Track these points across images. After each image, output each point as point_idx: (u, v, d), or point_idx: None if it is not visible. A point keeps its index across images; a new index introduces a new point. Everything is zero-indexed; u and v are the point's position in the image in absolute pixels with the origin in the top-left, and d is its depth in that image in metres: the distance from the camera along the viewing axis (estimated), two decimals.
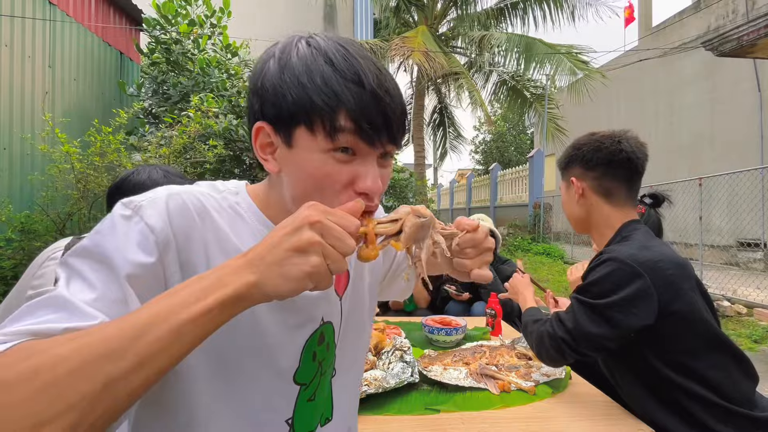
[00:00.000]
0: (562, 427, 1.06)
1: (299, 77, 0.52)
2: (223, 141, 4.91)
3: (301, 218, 0.45)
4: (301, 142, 0.53)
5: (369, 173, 0.54)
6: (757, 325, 4.46)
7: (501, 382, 1.27)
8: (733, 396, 1.02)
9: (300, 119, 0.53)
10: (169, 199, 0.54)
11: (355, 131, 0.52)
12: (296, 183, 0.55)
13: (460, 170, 28.28)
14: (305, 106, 0.52)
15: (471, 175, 18.39)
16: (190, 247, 0.54)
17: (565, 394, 1.24)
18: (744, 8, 8.16)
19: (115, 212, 0.51)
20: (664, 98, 10.29)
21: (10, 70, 3.54)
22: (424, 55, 8.19)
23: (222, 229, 0.57)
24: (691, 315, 1.05)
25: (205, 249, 0.55)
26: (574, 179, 1.24)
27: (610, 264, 1.06)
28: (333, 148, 0.53)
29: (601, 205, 1.21)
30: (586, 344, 1.07)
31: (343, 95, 0.51)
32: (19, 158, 3.60)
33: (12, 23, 3.56)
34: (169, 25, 5.07)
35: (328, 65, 0.52)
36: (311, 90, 0.51)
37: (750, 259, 7.32)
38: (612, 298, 1.03)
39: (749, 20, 5.44)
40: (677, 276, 1.06)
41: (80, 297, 0.44)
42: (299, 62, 0.53)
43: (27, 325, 0.41)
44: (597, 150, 1.20)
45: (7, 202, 3.23)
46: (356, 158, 0.54)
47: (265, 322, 0.59)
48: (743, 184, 6.24)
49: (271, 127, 0.55)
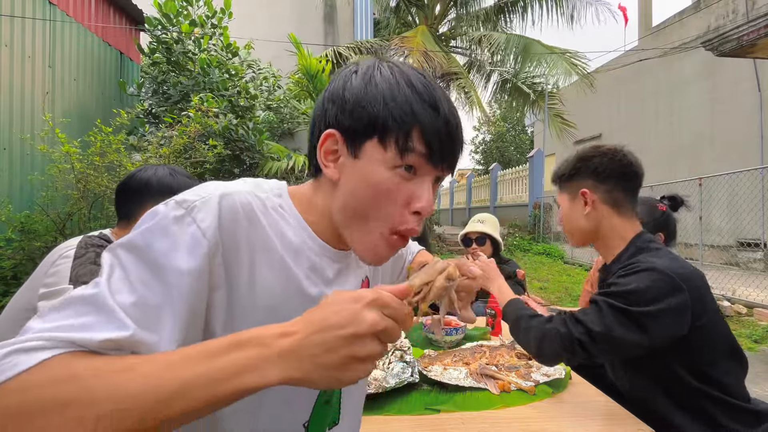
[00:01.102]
0: (562, 427, 1.06)
1: (383, 93, 0.55)
2: (223, 141, 4.92)
3: (366, 326, 0.42)
4: (370, 155, 0.56)
5: (425, 194, 0.57)
6: (757, 325, 4.46)
7: (501, 382, 1.27)
8: (741, 394, 1.08)
9: (375, 132, 0.55)
10: (222, 200, 0.53)
11: (424, 152, 0.55)
12: (354, 193, 0.57)
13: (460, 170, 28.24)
14: (384, 120, 0.54)
15: (471, 175, 18.38)
16: (237, 250, 0.54)
17: (565, 394, 1.24)
18: (744, 8, 8.16)
19: (168, 210, 0.50)
20: (664, 98, 10.28)
21: (10, 70, 3.54)
22: (423, 55, 8.19)
23: (267, 234, 0.57)
24: (714, 326, 1.08)
25: (250, 254, 0.55)
26: (587, 191, 1.23)
27: (651, 274, 1.05)
28: (400, 164, 0.55)
29: (611, 217, 1.21)
30: (607, 347, 1.05)
31: (420, 115, 0.55)
32: (19, 158, 3.60)
33: (12, 23, 3.56)
34: (170, 24, 5.07)
35: (409, 88, 0.56)
36: (392, 106, 0.54)
37: (750, 259, 7.31)
38: (650, 308, 1.02)
39: (749, 20, 5.44)
40: (704, 289, 1.08)
41: (119, 299, 0.44)
42: (383, 81, 0.56)
43: (67, 331, 0.41)
44: (609, 163, 1.21)
45: (7, 202, 3.23)
46: (416, 178, 0.56)
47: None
48: (743, 184, 6.24)
49: (341, 136, 0.57)
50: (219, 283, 0.52)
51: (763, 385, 2.77)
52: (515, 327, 1.22)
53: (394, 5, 11.37)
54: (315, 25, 9.51)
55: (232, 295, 0.53)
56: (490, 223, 2.55)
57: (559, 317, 1.14)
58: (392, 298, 0.46)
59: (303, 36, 8.76)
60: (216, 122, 4.51)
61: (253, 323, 0.48)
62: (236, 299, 0.54)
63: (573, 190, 1.26)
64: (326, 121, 0.58)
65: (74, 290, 0.45)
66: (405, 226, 0.57)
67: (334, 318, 0.43)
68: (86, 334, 0.41)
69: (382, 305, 0.45)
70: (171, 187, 1.20)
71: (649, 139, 10.64)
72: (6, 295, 2.79)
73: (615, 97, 11.90)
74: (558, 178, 1.31)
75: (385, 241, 0.57)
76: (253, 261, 0.55)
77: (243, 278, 0.54)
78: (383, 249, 0.58)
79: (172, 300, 0.46)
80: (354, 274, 0.69)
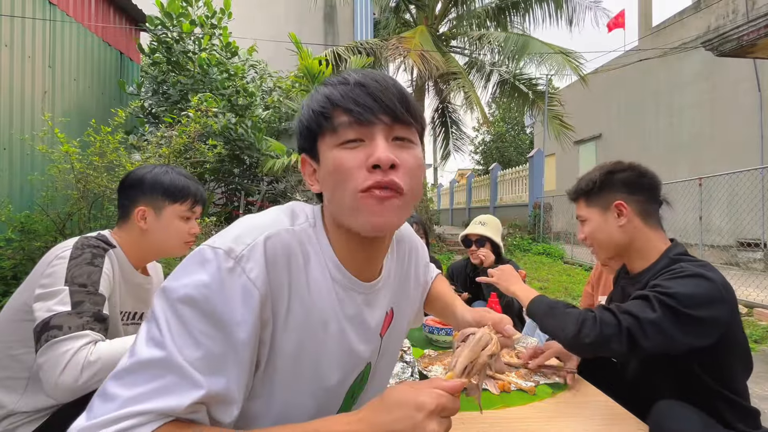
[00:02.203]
0: (562, 427, 1.06)
1: (307, 103, 0.63)
2: (223, 140, 4.91)
3: None
4: (322, 152, 0.62)
5: (376, 149, 0.58)
6: (757, 325, 4.46)
7: (501, 382, 1.27)
8: (746, 395, 1.13)
9: (315, 134, 0.62)
10: (267, 244, 0.57)
11: (350, 120, 0.58)
12: (325, 185, 0.62)
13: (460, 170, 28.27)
14: (312, 121, 0.61)
15: (471, 175, 18.39)
16: (280, 295, 0.58)
17: (565, 394, 1.24)
18: (744, 8, 8.16)
19: (219, 261, 0.53)
20: (664, 98, 10.28)
21: (10, 70, 3.53)
22: (419, 57, 8.19)
23: (300, 276, 0.60)
24: (738, 333, 1.13)
25: (288, 296, 0.59)
26: (623, 203, 1.22)
27: (700, 281, 1.06)
28: (340, 142, 0.59)
29: (644, 230, 1.22)
30: (657, 340, 1.04)
31: (333, 96, 0.60)
32: (19, 158, 3.59)
33: (12, 23, 3.55)
34: (172, 24, 5.07)
35: (324, 86, 0.63)
36: (313, 106, 0.61)
37: (750, 259, 7.31)
38: (698, 313, 1.03)
39: (749, 20, 5.44)
40: (735, 300, 1.11)
41: (187, 354, 0.49)
42: (308, 95, 0.65)
43: (150, 399, 0.47)
44: (642, 176, 1.24)
45: (7, 202, 3.23)
46: (365, 143, 0.59)
47: (324, 371, 0.64)
48: (743, 184, 6.24)
49: (307, 155, 0.65)
50: (267, 323, 0.57)
51: (763, 385, 2.77)
52: (548, 315, 1.18)
53: (394, 5, 11.36)
54: (315, 25, 9.51)
55: (275, 332, 0.58)
56: (491, 226, 2.52)
57: (599, 307, 1.13)
58: (450, 400, 0.51)
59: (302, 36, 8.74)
60: (215, 122, 4.51)
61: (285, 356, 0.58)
62: (277, 334, 0.58)
63: (604, 203, 1.26)
64: (299, 152, 0.67)
65: (142, 351, 0.50)
66: (372, 180, 0.58)
67: (397, 426, 0.48)
68: (170, 401, 0.47)
69: (441, 410, 0.49)
70: (163, 185, 1.20)
71: (649, 139, 10.64)
72: (6, 295, 2.79)
73: (615, 97, 11.90)
74: (584, 193, 1.30)
75: (366, 201, 0.58)
76: (290, 304, 0.59)
77: (282, 315, 0.58)
78: (373, 208, 0.59)
79: (234, 348, 0.51)
80: (379, 306, 0.71)
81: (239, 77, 5.40)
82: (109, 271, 1.09)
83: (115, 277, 1.15)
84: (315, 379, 0.62)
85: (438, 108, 13.57)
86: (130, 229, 1.21)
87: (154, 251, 1.26)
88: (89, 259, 1.05)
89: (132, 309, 1.26)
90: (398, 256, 0.79)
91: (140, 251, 1.23)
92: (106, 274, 1.07)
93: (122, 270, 1.19)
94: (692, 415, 1.03)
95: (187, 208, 1.22)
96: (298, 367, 0.60)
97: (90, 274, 1.02)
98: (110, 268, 1.10)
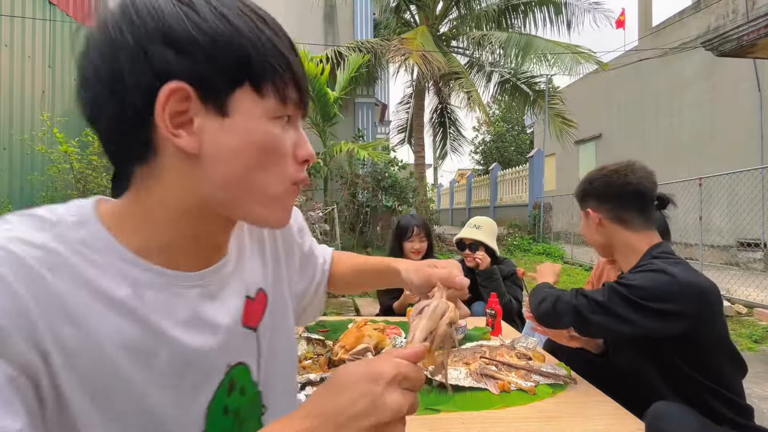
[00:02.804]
0: (562, 427, 1.06)
1: (246, 27, 0.43)
2: None
3: (391, 413, 0.38)
4: (244, 107, 0.43)
5: (304, 139, 0.49)
6: (757, 325, 4.46)
7: (501, 382, 1.27)
8: (739, 392, 1.17)
9: (247, 77, 0.43)
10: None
11: (298, 94, 0.47)
12: (232, 161, 0.44)
13: (460, 170, 28.27)
14: (259, 62, 0.43)
15: (471, 175, 18.41)
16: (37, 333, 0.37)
17: (565, 394, 1.24)
18: (744, 8, 8.16)
19: None
20: (664, 98, 10.28)
21: (10, 70, 3.54)
22: (421, 57, 8.19)
23: (65, 296, 0.39)
24: (719, 336, 1.17)
25: (53, 330, 0.38)
26: (591, 211, 1.37)
27: (659, 276, 1.15)
28: (282, 114, 0.46)
29: (621, 232, 1.33)
30: (600, 317, 1.19)
31: (290, 57, 0.46)
32: (19, 158, 3.60)
33: (12, 23, 3.56)
34: None
35: (263, 24, 0.44)
36: (262, 44, 0.43)
37: (750, 259, 7.31)
38: (648, 304, 1.13)
39: (749, 20, 5.44)
40: (717, 304, 1.18)
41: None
42: (232, 13, 0.42)
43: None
44: (606, 186, 1.34)
45: (7, 202, 3.23)
46: (290, 124, 0.48)
47: (152, 402, 0.44)
48: (743, 184, 6.24)
49: (195, 90, 0.41)
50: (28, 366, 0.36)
51: (763, 385, 2.77)
52: (532, 294, 1.40)
53: (394, 5, 11.36)
54: (315, 24, 9.51)
55: (72, 367, 0.39)
56: (485, 229, 2.48)
57: (570, 290, 1.30)
58: (411, 368, 0.41)
59: (302, 36, 8.75)
60: None
61: (77, 398, 0.39)
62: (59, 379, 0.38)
63: (584, 208, 1.42)
64: (157, 72, 0.40)
65: None
66: (300, 176, 0.49)
67: (352, 409, 0.37)
68: None
69: (403, 380, 0.40)
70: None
71: (649, 139, 10.64)
72: None
73: (615, 97, 11.89)
74: (575, 198, 1.48)
75: (290, 195, 0.49)
76: (62, 333, 0.38)
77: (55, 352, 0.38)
78: (288, 204, 0.50)
79: None
80: (230, 295, 0.53)
81: None
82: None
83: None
84: (142, 421, 0.44)
85: (437, 108, 13.58)
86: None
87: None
88: None
89: None
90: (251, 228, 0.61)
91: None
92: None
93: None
94: (688, 416, 1.04)
95: None
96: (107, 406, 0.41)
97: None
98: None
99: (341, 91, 7.85)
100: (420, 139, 11.14)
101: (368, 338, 1.38)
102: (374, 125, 10.00)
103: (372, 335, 1.40)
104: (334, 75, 8.19)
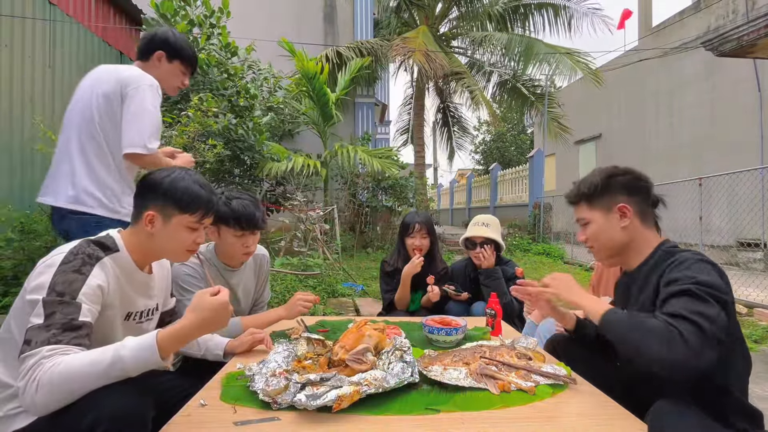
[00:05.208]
0: (562, 427, 1.06)
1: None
2: (223, 140, 4.91)
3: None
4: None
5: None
6: (757, 325, 4.45)
7: (501, 382, 1.27)
8: (746, 393, 1.15)
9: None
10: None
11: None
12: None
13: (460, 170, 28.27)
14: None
15: (471, 175, 18.40)
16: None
17: (565, 394, 1.24)
18: (744, 8, 8.16)
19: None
20: (664, 98, 10.28)
21: (10, 70, 3.54)
22: (424, 56, 8.19)
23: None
24: (738, 332, 1.14)
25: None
26: (626, 206, 1.29)
27: (707, 266, 1.13)
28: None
29: (641, 229, 1.31)
30: (721, 332, 1.01)
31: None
32: (19, 158, 3.60)
33: (12, 23, 3.56)
34: (168, 24, 5.06)
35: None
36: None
37: (750, 259, 7.31)
38: (723, 296, 1.06)
39: (749, 20, 5.44)
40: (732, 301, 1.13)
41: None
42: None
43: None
44: (638, 179, 1.32)
45: (7, 202, 3.23)
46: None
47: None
48: (743, 184, 6.23)
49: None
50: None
51: (763, 385, 2.76)
52: (633, 329, 1.09)
53: (395, 5, 11.37)
54: (315, 24, 9.51)
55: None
56: (494, 227, 2.55)
57: (663, 318, 1.04)
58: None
59: (302, 36, 8.75)
60: (215, 122, 4.51)
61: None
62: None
63: (607, 205, 1.32)
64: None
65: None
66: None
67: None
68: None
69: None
70: (176, 194, 1.21)
71: (649, 139, 10.63)
72: (6, 295, 2.79)
73: (615, 97, 11.89)
74: (586, 196, 1.35)
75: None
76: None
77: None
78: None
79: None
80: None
81: (239, 77, 5.40)
82: (103, 280, 1.09)
83: (117, 282, 1.16)
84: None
85: (440, 108, 13.58)
86: (138, 230, 1.22)
87: (155, 254, 1.28)
88: (77, 267, 1.04)
89: (143, 308, 1.29)
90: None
91: (144, 253, 1.24)
92: (95, 282, 1.06)
93: (125, 272, 1.19)
94: (690, 414, 1.02)
95: (196, 220, 1.23)
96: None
97: (72, 282, 1.01)
98: (104, 276, 1.10)
99: (341, 92, 7.85)
100: (420, 138, 11.14)
101: (368, 338, 1.37)
102: (374, 125, 10.00)
103: (372, 335, 1.39)
104: (334, 75, 8.19)
